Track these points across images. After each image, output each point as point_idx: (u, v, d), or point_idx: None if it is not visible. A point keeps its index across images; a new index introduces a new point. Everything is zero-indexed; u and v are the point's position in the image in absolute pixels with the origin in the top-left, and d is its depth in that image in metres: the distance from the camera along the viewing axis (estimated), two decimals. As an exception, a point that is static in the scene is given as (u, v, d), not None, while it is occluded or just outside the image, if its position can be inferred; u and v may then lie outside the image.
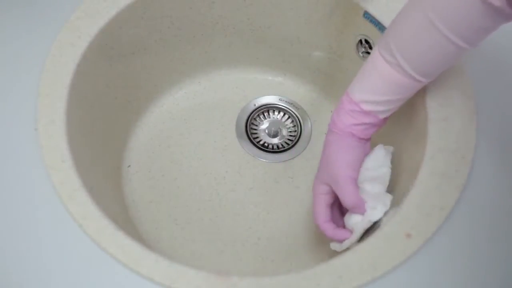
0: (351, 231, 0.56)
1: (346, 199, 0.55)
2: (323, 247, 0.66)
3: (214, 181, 0.73)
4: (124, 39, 0.67)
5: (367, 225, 0.55)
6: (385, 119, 0.56)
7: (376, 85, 0.54)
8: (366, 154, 0.58)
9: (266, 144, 0.77)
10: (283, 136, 0.78)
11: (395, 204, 0.55)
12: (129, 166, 0.73)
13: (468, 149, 0.55)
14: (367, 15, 0.65)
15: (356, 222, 0.56)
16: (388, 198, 0.56)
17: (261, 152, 0.76)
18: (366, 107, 0.54)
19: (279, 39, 0.77)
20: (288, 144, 0.78)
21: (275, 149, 0.77)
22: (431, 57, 0.51)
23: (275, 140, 0.78)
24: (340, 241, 0.57)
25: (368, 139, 0.58)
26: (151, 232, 0.69)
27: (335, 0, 0.68)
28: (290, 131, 0.79)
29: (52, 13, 0.62)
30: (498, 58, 0.61)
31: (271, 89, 0.81)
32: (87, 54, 0.60)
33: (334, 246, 0.58)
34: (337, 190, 0.56)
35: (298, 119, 0.79)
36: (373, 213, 0.55)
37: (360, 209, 0.55)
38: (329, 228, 0.57)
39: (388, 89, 0.53)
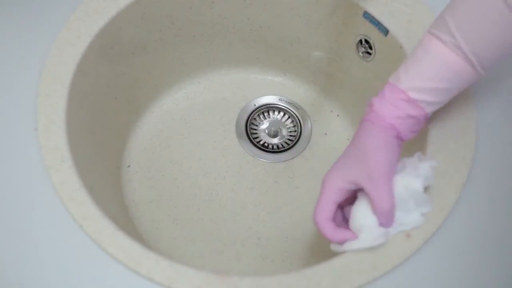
0: (354, 233, 0.51)
1: (382, 202, 0.49)
2: (323, 247, 0.66)
3: (214, 181, 0.73)
4: (124, 39, 0.67)
5: (382, 239, 0.49)
6: (426, 119, 0.52)
7: (426, 69, 0.50)
8: (398, 158, 0.52)
9: (266, 144, 0.77)
10: (283, 136, 0.78)
11: None
12: (129, 166, 0.73)
13: (468, 149, 0.55)
14: (367, 15, 0.65)
15: (372, 226, 0.50)
16: (419, 219, 0.51)
17: (261, 152, 0.76)
18: (414, 95, 0.50)
19: (279, 39, 0.77)
20: (288, 144, 0.77)
21: (275, 149, 0.77)
22: (492, 38, 0.47)
23: (275, 140, 0.78)
24: (340, 242, 0.51)
25: (402, 141, 0.52)
26: (151, 232, 0.69)
27: (335, 0, 0.68)
28: (290, 131, 0.79)
29: (52, 13, 0.62)
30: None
31: (271, 89, 0.81)
32: (87, 54, 0.60)
33: (334, 246, 0.52)
34: (371, 189, 0.49)
35: (298, 119, 0.79)
36: (399, 228, 0.50)
37: (390, 218, 0.49)
38: (328, 227, 0.51)
39: (439, 74, 0.50)
